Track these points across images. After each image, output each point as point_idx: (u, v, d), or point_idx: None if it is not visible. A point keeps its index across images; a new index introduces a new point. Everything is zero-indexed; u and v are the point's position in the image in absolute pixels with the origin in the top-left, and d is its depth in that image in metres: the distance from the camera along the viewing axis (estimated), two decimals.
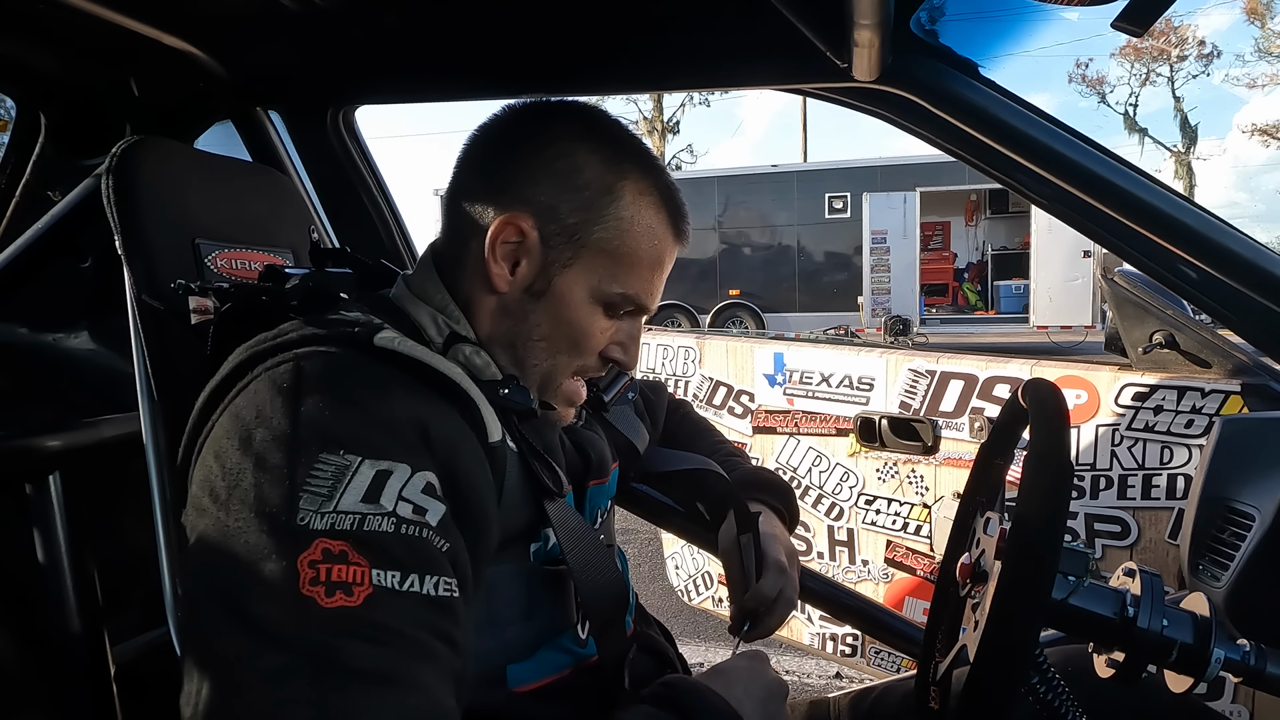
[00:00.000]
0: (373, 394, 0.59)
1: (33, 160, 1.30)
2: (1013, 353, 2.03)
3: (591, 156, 0.72)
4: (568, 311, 0.72)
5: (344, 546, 0.52)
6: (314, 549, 0.51)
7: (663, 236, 0.74)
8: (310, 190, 1.38)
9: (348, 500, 0.53)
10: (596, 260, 0.71)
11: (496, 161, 0.73)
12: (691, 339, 2.34)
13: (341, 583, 0.50)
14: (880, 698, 0.97)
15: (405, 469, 0.56)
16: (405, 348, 0.62)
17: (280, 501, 0.53)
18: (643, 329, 0.80)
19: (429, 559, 0.55)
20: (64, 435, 1.07)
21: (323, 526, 0.52)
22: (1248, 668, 0.62)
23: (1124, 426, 1.67)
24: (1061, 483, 0.58)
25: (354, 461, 0.55)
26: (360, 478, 0.54)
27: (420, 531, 0.55)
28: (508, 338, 0.73)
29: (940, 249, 13.06)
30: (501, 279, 0.71)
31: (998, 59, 0.98)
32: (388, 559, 0.53)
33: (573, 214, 0.70)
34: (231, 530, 0.52)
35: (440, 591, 0.54)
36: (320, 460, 0.54)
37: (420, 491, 0.56)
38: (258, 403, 0.58)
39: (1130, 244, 1.06)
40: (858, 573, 2.08)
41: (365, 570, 0.51)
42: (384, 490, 0.55)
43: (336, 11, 1.00)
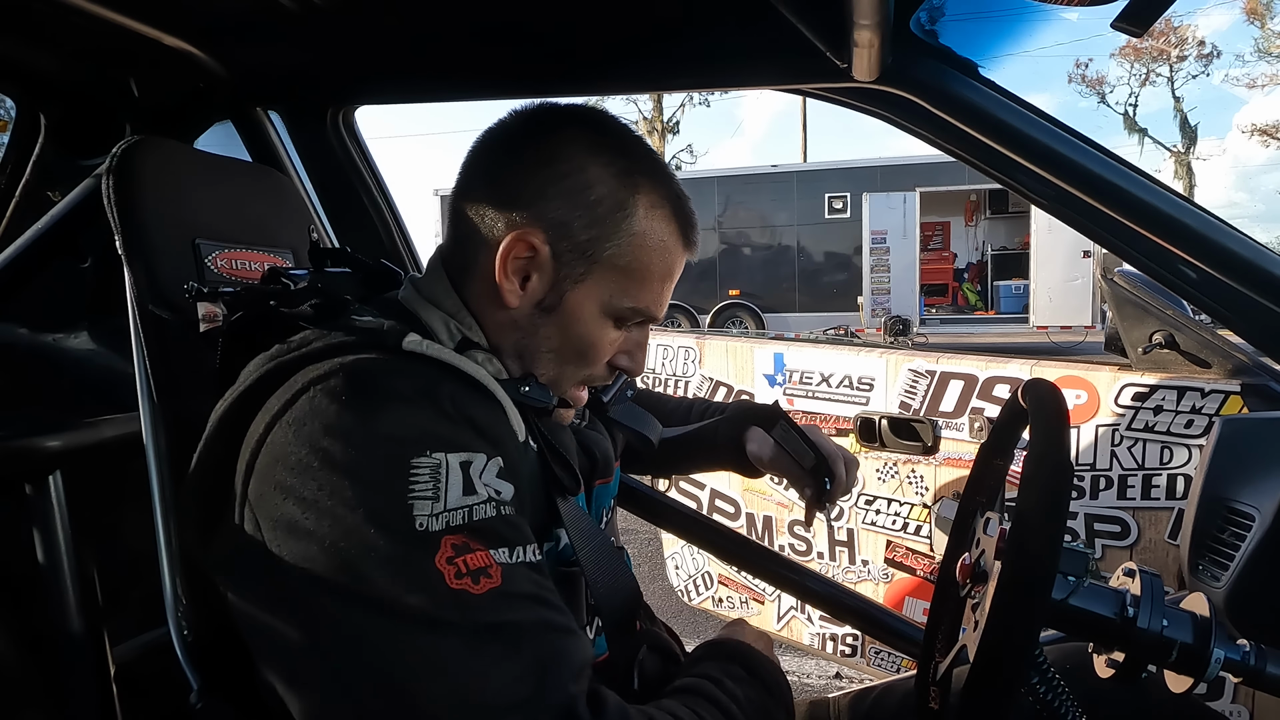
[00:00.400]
0: (426, 391, 0.61)
1: (33, 160, 1.30)
2: (1013, 353, 2.03)
3: (604, 171, 0.71)
4: (578, 326, 0.72)
5: (464, 539, 0.56)
6: (444, 547, 0.55)
7: (674, 248, 0.75)
8: (310, 190, 1.39)
9: (453, 497, 0.57)
10: (609, 275, 0.71)
11: (505, 170, 0.72)
12: (691, 339, 2.34)
13: (479, 569, 0.55)
14: (880, 698, 0.97)
15: (482, 457, 0.60)
16: (432, 351, 0.64)
17: (396, 512, 0.55)
18: (648, 336, 0.80)
19: (522, 531, 0.60)
20: (64, 435, 1.07)
21: (441, 526, 0.56)
22: (1248, 668, 0.62)
23: (1124, 426, 1.67)
24: (1061, 483, 0.58)
25: (441, 459, 0.57)
26: (453, 473, 0.58)
27: (508, 510, 0.59)
28: (516, 349, 0.74)
29: (940, 249, 13.06)
30: (513, 294, 0.71)
31: (998, 59, 0.98)
32: (498, 539, 0.58)
33: (585, 230, 0.70)
34: (356, 547, 0.54)
35: (536, 557, 0.60)
36: (414, 465, 0.57)
37: (496, 475, 0.60)
38: (322, 418, 0.58)
39: (1130, 244, 1.06)
40: (858, 573, 2.08)
41: (487, 554, 0.56)
42: (474, 479, 0.58)
43: (336, 12, 1.00)
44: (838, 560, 2.11)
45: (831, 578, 1.46)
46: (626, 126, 0.77)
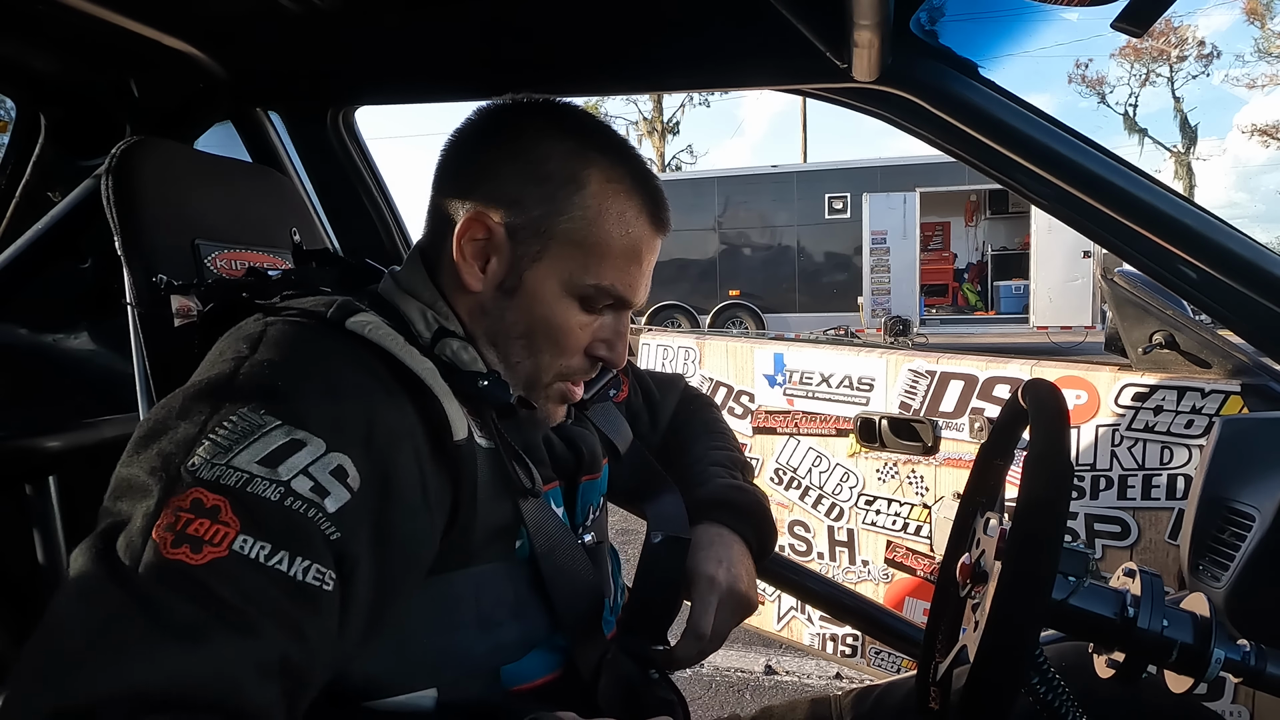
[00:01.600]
0: (323, 366, 0.59)
1: (33, 161, 1.30)
2: (1013, 353, 2.03)
3: (556, 146, 0.71)
4: (542, 307, 0.71)
5: (219, 502, 0.51)
6: (185, 496, 0.50)
7: (636, 224, 0.72)
8: (310, 190, 1.39)
9: (243, 458, 0.52)
10: (565, 252, 0.70)
11: (465, 159, 0.74)
12: (691, 339, 2.34)
13: (192, 538, 0.49)
14: (882, 696, 0.97)
15: (320, 445, 0.55)
16: (375, 335, 0.62)
17: (181, 443, 0.53)
18: (629, 324, 0.77)
19: (307, 541, 0.52)
20: (64, 435, 1.07)
21: (208, 476, 0.51)
22: (1248, 668, 0.62)
23: (1124, 427, 1.67)
24: (1061, 483, 0.58)
25: (269, 424, 0.54)
26: (267, 439, 0.53)
27: (309, 511, 0.53)
28: (489, 336, 0.73)
29: (940, 249, 13.06)
30: (473, 277, 0.71)
31: (997, 59, 0.98)
32: (260, 528, 0.51)
33: (537, 206, 0.69)
34: (128, 460, 0.54)
35: (308, 578, 0.51)
36: (237, 414, 0.54)
37: (328, 473, 0.54)
38: (214, 357, 0.60)
39: (1130, 244, 1.06)
40: (858, 573, 2.08)
41: (231, 533, 0.50)
42: (288, 460, 0.53)
43: (336, 12, 1.00)
44: (838, 560, 2.11)
45: (831, 578, 1.46)
46: (587, 112, 0.76)
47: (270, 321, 0.62)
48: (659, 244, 0.76)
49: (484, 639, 0.68)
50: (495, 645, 0.69)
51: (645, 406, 1.07)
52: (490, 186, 0.70)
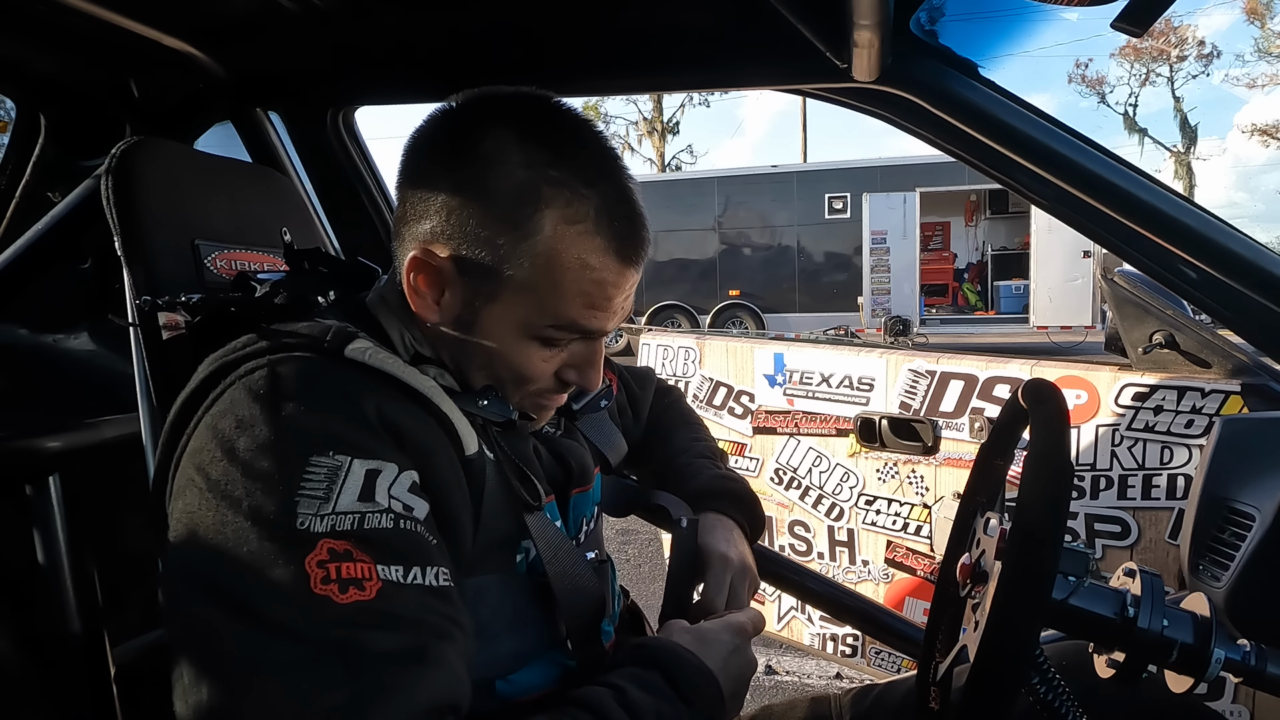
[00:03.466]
0: (350, 396, 0.59)
1: (33, 161, 1.30)
2: (1013, 353, 2.03)
3: (505, 182, 0.63)
4: (501, 345, 0.68)
5: (347, 546, 0.53)
6: (319, 550, 0.52)
7: (600, 266, 0.65)
8: (310, 191, 1.39)
9: (345, 500, 0.54)
10: (519, 297, 0.65)
11: (418, 172, 0.68)
12: (691, 339, 2.34)
13: (353, 579, 0.52)
14: (882, 695, 0.97)
15: (393, 467, 0.57)
16: (375, 360, 0.62)
17: (278, 508, 0.53)
18: (603, 349, 0.73)
19: (426, 551, 0.57)
20: (64, 436, 1.07)
21: (324, 529, 0.53)
22: (1248, 668, 0.62)
23: (1124, 427, 1.67)
24: (1062, 483, 0.58)
25: (344, 462, 0.55)
26: (353, 478, 0.55)
27: (414, 526, 0.57)
28: (455, 362, 0.70)
29: (940, 249, 13.06)
30: (427, 311, 0.68)
31: (997, 59, 0.98)
32: (390, 554, 0.54)
33: (485, 248, 0.64)
34: (231, 540, 0.52)
35: (441, 581, 0.56)
36: (312, 464, 0.55)
37: (407, 490, 0.58)
38: (236, 411, 0.57)
39: (1130, 244, 1.06)
40: (858, 573, 2.08)
41: (371, 566, 0.53)
42: (376, 488, 0.56)
43: (336, 12, 1.00)
44: (838, 560, 2.11)
45: (832, 578, 1.46)
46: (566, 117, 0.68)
47: (275, 360, 0.60)
48: (632, 275, 0.68)
49: (480, 650, 0.67)
50: (490, 657, 0.68)
51: (629, 403, 1.10)
52: (438, 217, 0.65)
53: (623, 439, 0.98)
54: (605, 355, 1.06)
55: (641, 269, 0.70)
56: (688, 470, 1.01)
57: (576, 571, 0.73)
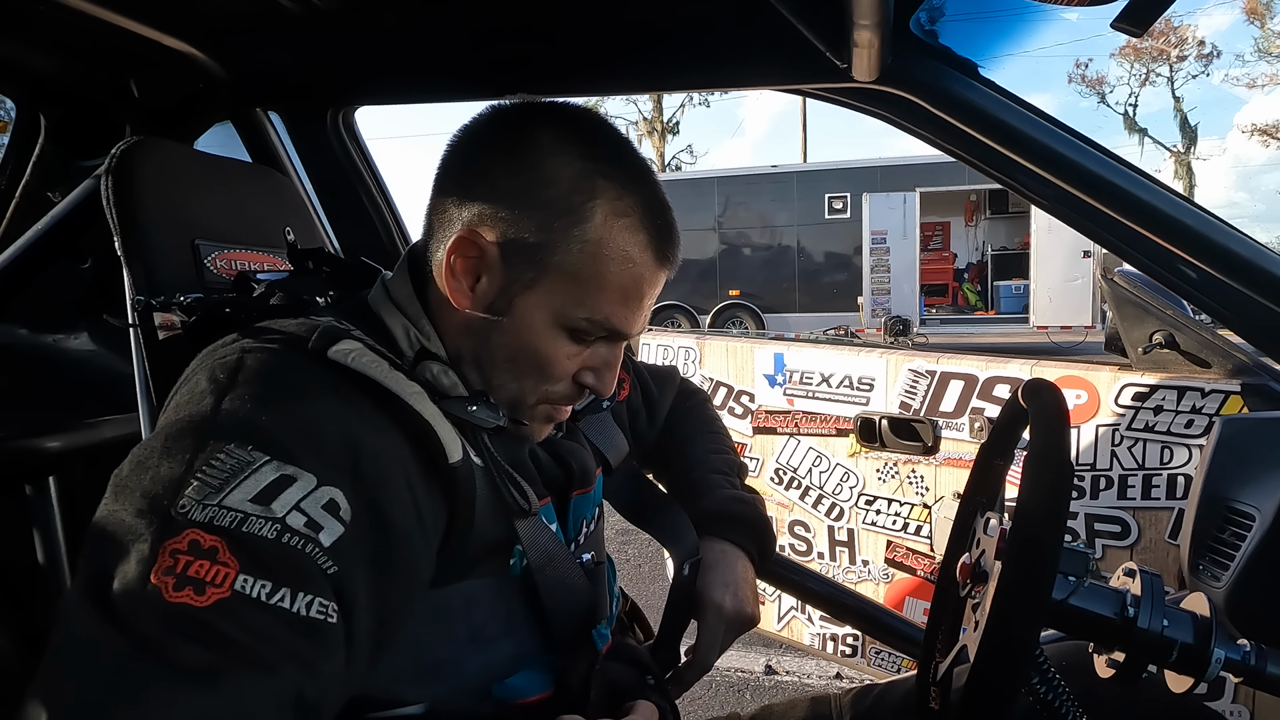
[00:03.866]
0: (305, 398, 0.57)
1: (33, 161, 1.30)
2: (1013, 353, 2.03)
3: (563, 170, 0.65)
4: (530, 335, 0.67)
5: (216, 543, 0.50)
6: (182, 538, 0.49)
7: (640, 262, 0.67)
8: (310, 191, 1.39)
9: (235, 497, 0.51)
10: (560, 284, 0.66)
11: (467, 166, 0.69)
12: (691, 339, 2.34)
13: (195, 579, 0.48)
14: (882, 695, 0.97)
15: (311, 479, 0.54)
16: (359, 364, 0.60)
17: (168, 484, 0.51)
18: (621, 354, 0.74)
19: (307, 576, 0.52)
20: (64, 436, 1.07)
21: (201, 518, 0.50)
22: (1248, 668, 0.62)
23: (1124, 426, 1.67)
24: (1062, 483, 0.58)
25: (258, 459, 0.53)
26: (259, 477, 0.52)
27: (305, 546, 0.52)
28: (473, 356, 0.70)
29: (940, 249, 13.06)
30: (462, 295, 0.67)
31: (997, 59, 0.98)
32: (260, 567, 0.50)
33: (535, 233, 0.65)
34: (113, 508, 0.51)
35: (312, 613, 0.51)
36: (224, 451, 0.53)
37: (320, 507, 0.53)
38: (191, 389, 0.57)
39: (1130, 244, 1.06)
40: (858, 573, 2.08)
41: (231, 573, 0.49)
42: (280, 496, 0.52)
43: (336, 12, 1.00)
44: (838, 560, 2.11)
45: (832, 578, 1.46)
46: (607, 126, 0.71)
47: (247, 349, 0.59)
48: (663, 278, 0.71)
49: (475, 654, 0.67)
50: (486, 661, 0.68)
51: (644, 404, 1.07)
52: (489, 201, 0.66)
53: (624, 440, 0.96)
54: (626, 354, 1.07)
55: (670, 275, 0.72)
56: (699, 486, 0.98)
57: (568, 576, 0.72)
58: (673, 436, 1.08)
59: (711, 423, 1.11)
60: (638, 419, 1.05)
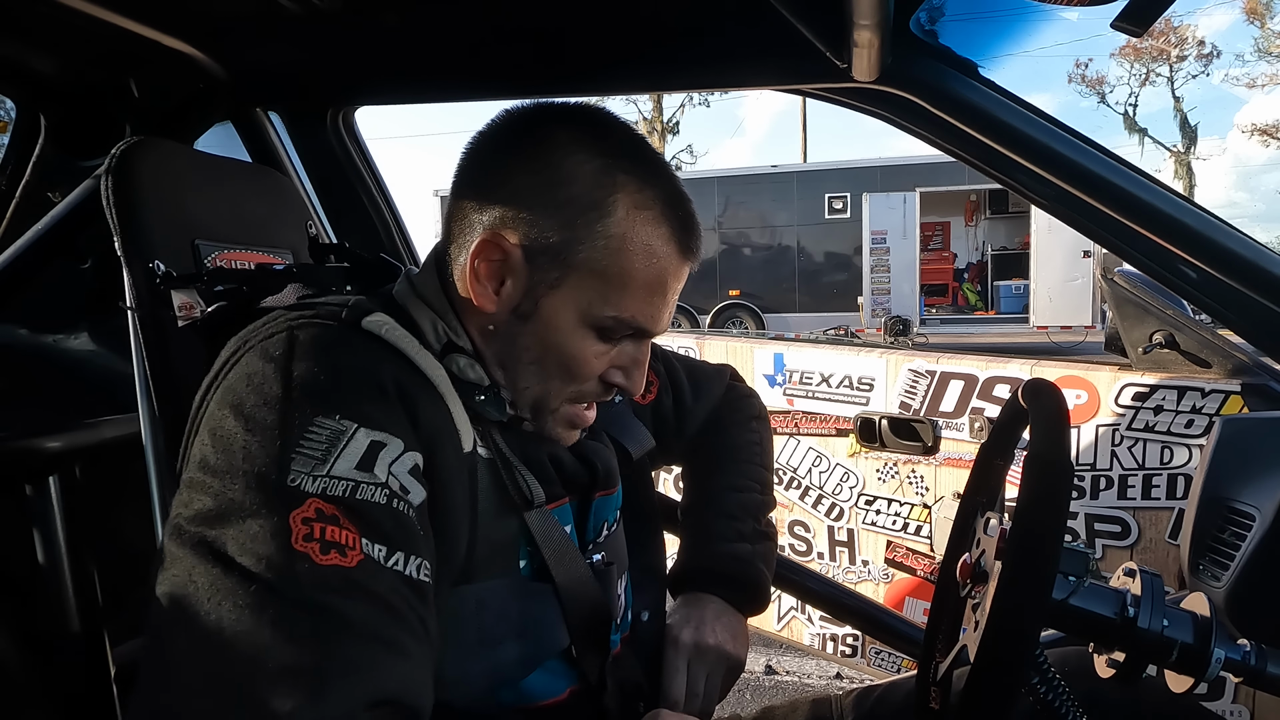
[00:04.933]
0: (367, 365, 0.58)
1: (33, 161, 1.30)
2: (1013, 353, 2.03)
3: (582, 166, 0.65)
4: (556, 335, 0.67)
5: (335, 511, 0.51)
6: (307, 507, 0.51)
7: (664, 255, 0.68)
8: (310, 191, 1.39)
9: (342, 465, 0.53)
10: (585, 281, 0.66)
11: (486, 168, 0.69)
12: (691, 339, 2.34)
13: (336, 543, 0.50)
14: (883, 696, 0.97)
15: (399, 444, 0.56)
16: (391, 336, 0.61)
17: (271, 462, 0.52)
18: (649, 352, 0.74)
19: (413, 539, 0.54)
20: (64, 436, 1.07)
21: (315, 489, 0.51)
22: (1248, 668, 0.62)
23: (1124, 426, 1.67)
24: (1062, 483, 0.58)
25: (350, 428, 0.54)
26: (355, 444, 0.54)
27: (407, 509, 0.55)
28: (499, 357, 0.70)
29: (940, 249, 13.06)
30: (486, 299, 0.67)
31: (997, 59, 0.98)
32: (377, 531, 0.52)
33: (558, 231, 0.65)
34: (218, 491, 0.51)
35: (421, 575, 0.54)
36: (315, 423, 0.53)
37: (407, 471, 0.56)
38: (249, 372, 0.57)
39: (1130, 244, 1.06)
40: (858, 573, 2.08)
41: (356, 536, 0.51)
42: (378, 460, 0.54)
43: (336, 12, 1.00)
44: (838, 560, 2.11)
45: (832, 578, 1.46)
46: (622, 123, 0.71)
47: (295, 325, 0.60)
48: (686, 271, 0.71)
49: (483, 658, 0.66)
50: (495, 665, 0.67)
51: (674, 411, 1.01)
52: (510, 204, 0.66)
53: (646, 433, 0.93)
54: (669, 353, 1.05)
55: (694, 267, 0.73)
56: (702, 533, 0.95)
57: (579, 575, 0.72)
58: (700, 456, 1.04)
59: (744, 449, 1.04)
60: (664, 427, 1.00)
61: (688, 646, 0.85)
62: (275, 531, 0.49)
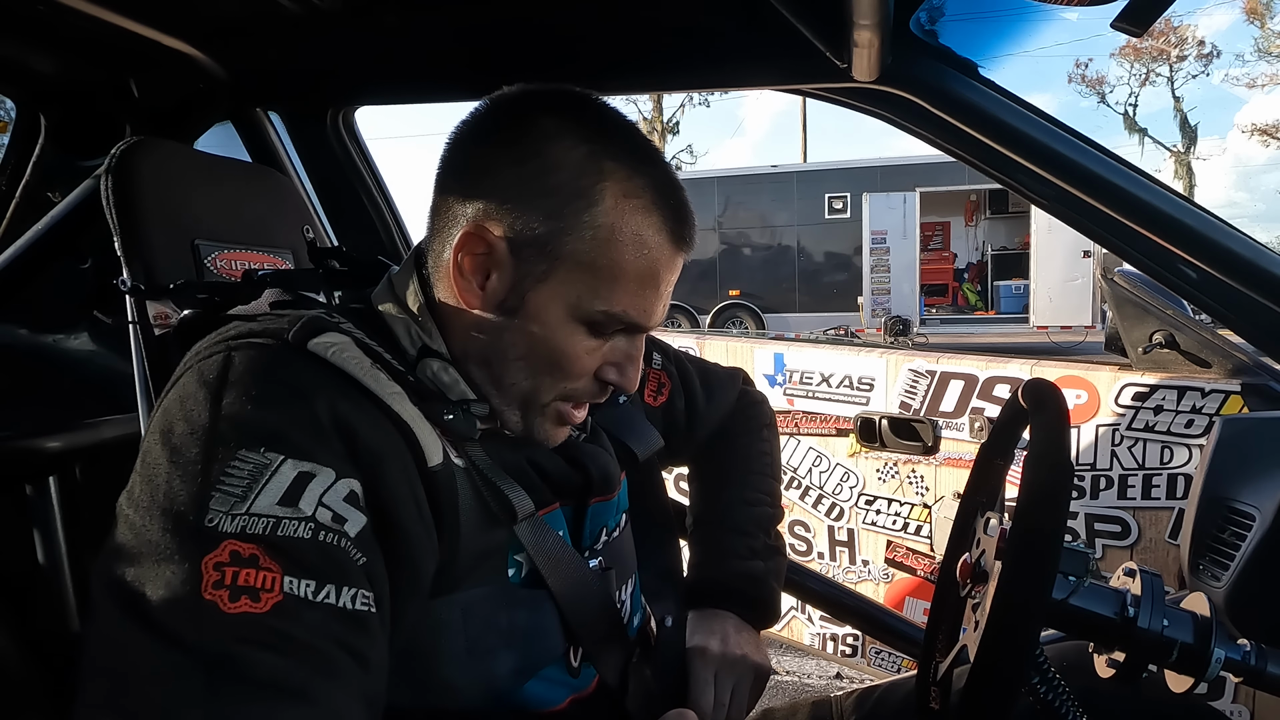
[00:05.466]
0: (302, 392, 0.56)
1: (33, 161, 1.30)
2: (1013, 353, 2.03)
3: (568, 153, 0.63)
4: (545, 331, 0.65)
5: (255, 550, 0.49)
6: (221, 551, 0.48)
7: (655, 246, 0.65)
8: (310, 190, 1.39)
9: (263, 502, 0.50)
10: (574, 274, 0.63)
11: (470, 157, 0.66)
12: (692, 339, 2.34)
13: (248, 588, 0.48)
14: (883, 696, 0.97)
15: (330, 473, 0.53)
16: (338, 359, 0.58)
17: (189, 499, 0.50)
18: (643, 347, 0.71)
19: (345, 570, 0.52)
20: (64, 435, 1.07)
21: (233, 529, 0.49)
22: (1248, 667, 0.62)
23: (1124, 426, 1.67)
24: (1062, 482, 0.58)
25: (275, 460, 0.52)
26: (280, 478, 0.52)
27: (338, 540, 0.52)
28: (482, 354, 0.67)
29: (940, 249, 13.06)
30: (471, 295, 0.65)
31: (997, 59, 0.98)
32: (301, 567, 0.50)
33: (544, 222, 0.62)
34: (138, 528, 0.50)
35: (357, 605, 0.51)
36: (238, 458, 0.51)
37: (342, 499, 0.53)
38: (182, 395, 0.55)
39: (1130, 244, 1.06)
40: (858, 573, 2.08)
41: (277, 577, 0.49)
42: (304, 493, 0.52)
43: (336, 12, 1.00)
44: (838, 560, 2.11)
45: (832, 578, 1.46)
46: (611, 109, 0.68)
47: (233, 346, 0.58)
48: (680, 262, 0.68)
49: (471, 668, 0.64)
50: (487, 674, 0.65)
51: (685, 415, 1.00)
52: (494, 194, 0.63)
53: (656, 434, 0.91)
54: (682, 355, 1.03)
55: (687, 258, 0.69)
56: (714, 548, 0.94)
57: (579, 578, 0.70)
58: (711, 464, 1.03)
59: (756, 459, 1.04)
60: (675, 430, 0.99)
61: (716, 657, 0.85)
62: (185, 578, 0.47)
